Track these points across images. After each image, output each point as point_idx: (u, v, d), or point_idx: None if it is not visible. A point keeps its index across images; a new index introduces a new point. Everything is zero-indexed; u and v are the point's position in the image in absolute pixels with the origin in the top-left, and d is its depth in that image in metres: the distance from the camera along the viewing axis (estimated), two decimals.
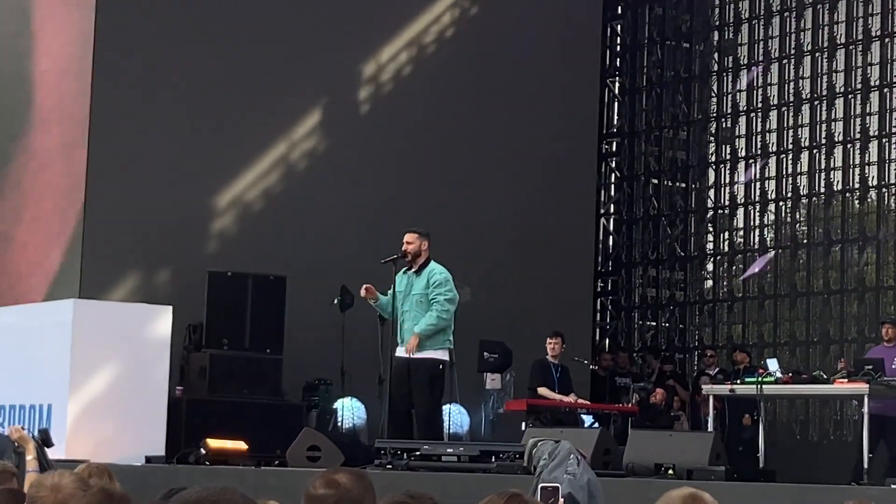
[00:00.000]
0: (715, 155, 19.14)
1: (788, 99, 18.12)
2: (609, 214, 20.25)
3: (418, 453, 10.52)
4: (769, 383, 13.43)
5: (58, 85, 16.57)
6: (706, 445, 10.05)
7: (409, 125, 17.64)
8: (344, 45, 17.35)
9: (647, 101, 20.00)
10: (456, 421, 15.65)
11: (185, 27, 16.38)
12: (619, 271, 20.05)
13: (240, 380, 14.52)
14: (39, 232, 16.55)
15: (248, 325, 14.79)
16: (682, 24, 19.68)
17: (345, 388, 15.02)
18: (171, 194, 16.10)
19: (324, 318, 14.97)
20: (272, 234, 16.57)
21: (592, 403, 15.81)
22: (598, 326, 19.96)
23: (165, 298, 14.49)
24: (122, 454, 11.98)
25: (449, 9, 18.22)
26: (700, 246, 19.27)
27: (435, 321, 11.93)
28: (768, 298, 18.21)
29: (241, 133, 16.67)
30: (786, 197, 18.06)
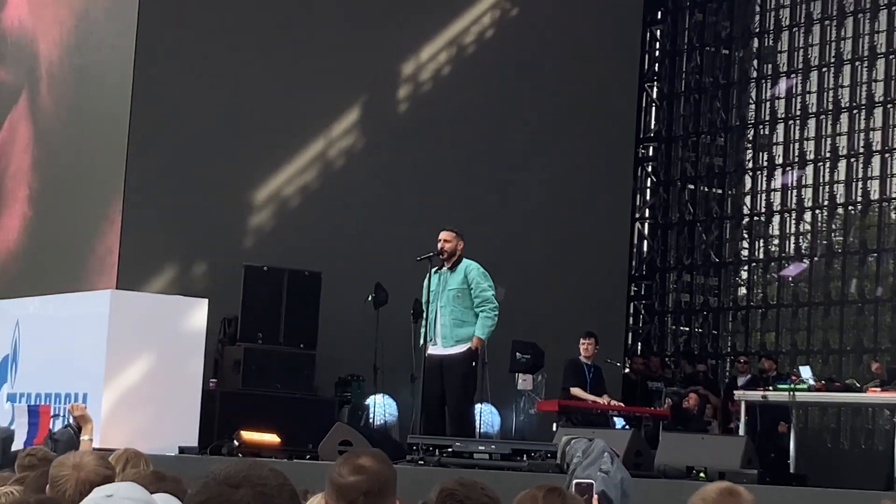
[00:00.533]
0: (752, 161, 19.11)
1: (827, 107, 18.09)
2: (644, 219, 20.25)
3: (450, 450, 10.57)
4: (802, 390, 13.42)
5: (99, 77, 16.67)
6: (738, 449, 10.06)
7: (447, 125, 17.68)
8: (384, 44, 17.40)
9: (685, 107, 19.99)
10: (487, 421, 15.67)
11: (227, 22, 16.46)
12: (653, 276, 20.05)
13: (273, 374, 14.57)
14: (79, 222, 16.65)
15: (282, 320, 14.85)
16: (722, 30, 19.67)
17: (377, 384, 15.08)
18: (209, 188, 16.18)
19: (358, 314, 15.05)
20: (308, 229, 16.63)
21: (624, 406, 15.81)
22: (631, 330, 19.95)
23: (201, 291, 14.56)
24: (155, 444, 12.03)
25: (489, 10, 18.25)
26: (735, 252, 19.25)
27: (492, 322, 12.07)
28: (802, 306, 18.18)
29: (280, 129, 16.74)
30: (822, 205, 18.03)
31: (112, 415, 12.64)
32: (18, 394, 13.81)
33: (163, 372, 12.98)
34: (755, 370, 17.30)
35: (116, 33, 16.38)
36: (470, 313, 12.14)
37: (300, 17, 16.85)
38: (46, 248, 17.16)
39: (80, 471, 5.05)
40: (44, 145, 17.51)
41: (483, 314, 12.07)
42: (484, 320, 12.05)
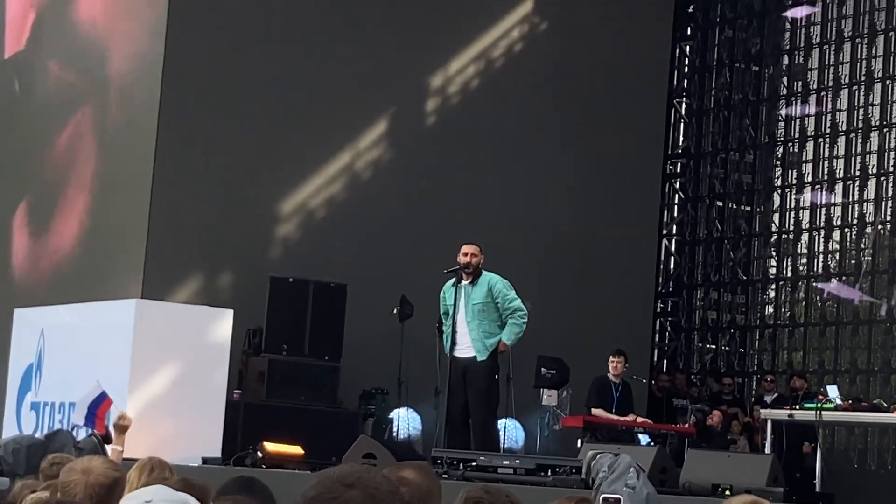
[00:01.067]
0: (780, 179, 19.03)
1: (857, 125, 18.00)
2: (672, 235, 20.17)
3: (474, 464, 10.51)
4: (829, 410, 13.33)
5: (127, 89, 16.68)
6: (764, 467, 9.98)
7: (475, 138, 17.64)
8: (413, 57, 17.39)
9: (714, 123, 19.92)
10: (511, 436, 15.61)
11: (255, 34, 16.46)
12: (679, 293, 19.96)
13: (297, 386, 14.56)
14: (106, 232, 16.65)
15: (307, 332, 14.83)
16: (752, 46, 19.60)
17: (401, 397, 15.03)
18: (236, 199, 16.18)
19: (383, 327, 15.00)
20: (334, 241, 16.61)
21: (650, 422, 15.73)
22: (657, 347, 19.86)
23: (227, 302, 14.55)
24: (179, 454, 12.00)
25: (518, 24, 18.22)
26: (763, 270, 19.16)
27: (520, 329, 12.15)
28: (830, 325, 18.07)
29: (308, 140, 16.74)
30: (851, 224, 17.93)
31: (136, 424, 12.53)
32: (42, 402, 13.81)
33: (187, 382, 12.97)
34: (785, 389, 17.20)
35: (144, 45, 16.39)
36: (497, 326, 12.17)
37: (328, 29, 16.85)
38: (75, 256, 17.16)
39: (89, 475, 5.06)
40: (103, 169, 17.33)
41: (512, 321, 12.13)
42: (512, 326, 12.11)
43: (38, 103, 18.40)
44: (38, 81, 18.52)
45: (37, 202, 18.05)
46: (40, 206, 17.94)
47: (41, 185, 18.02)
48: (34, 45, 18.71)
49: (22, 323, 14.71)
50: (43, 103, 18.26)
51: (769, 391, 17.26)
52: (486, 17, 18.05)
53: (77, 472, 5.09)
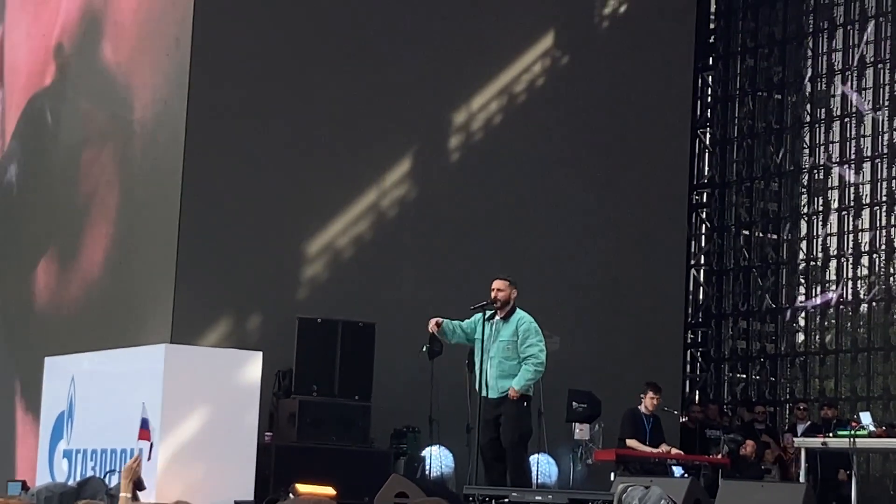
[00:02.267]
0: (807, 206, 18.98)
1: (882, 150, 17.95)
2: (700, 265, 20.12)
3: (507, 500, 10.49)
4: (862, 437, 13.27)
5: (151, 132, 16.76)
6: (798, 496, 9.93)
7: (499, 174, 17.65)
8: (435, 94, 17.42)
9: (738, 152, 19.89)
10: (544, 471, 15.56)
11: (278, 75, 16.52)
12: (709, 323, 19.90)
13: (328, 426, 14.55)
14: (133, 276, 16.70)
15: (337, 372, 14.83)
16: (774, 75, 19.58)
17: (433, 435, 15.00)
18: (262, 240, 16.21)
19: (412, 365, 14.97)
20: (362, 280, 16.62)
21: (683, 454, 15.67)
22: (688, 378, 19.79)
23: (256, 344, 14.55)
24: (211, 499, 12.03)
25: (540, 58, 18.25)
26: (792, 298, 19.09)
27: (532, 375, 12.07)
28: (861, 352, 17.99)
29: (333, 180, 16.77)
30: (879, 249, 17.87)
31: (168, 469, 12.61)
32: (74, 450, 13.82)
33: (218, 426, 12.95)
34: (817, 418, 17.11)
35: (168, 86, 16.48)
36: (517, 366, 12.13)
37: (349, 68, 16.89)
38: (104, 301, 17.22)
39: None
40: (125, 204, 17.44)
41: (525, 366, 12.08)
42: (524, 373, 12.06)
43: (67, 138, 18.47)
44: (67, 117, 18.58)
45: (63, 247, 18.13)
46: (66, 250, 18.02)
47: (67, 229, 18.10)
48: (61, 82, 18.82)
49: (53, 371, 14.73)
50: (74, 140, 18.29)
51: (801, 419, 17.18)
52: (508, 52, 18.08)
53: None
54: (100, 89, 17.93)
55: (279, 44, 16.58)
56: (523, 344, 12.12)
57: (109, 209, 17.40)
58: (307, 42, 16.76)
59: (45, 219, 18.66)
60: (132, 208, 16.94)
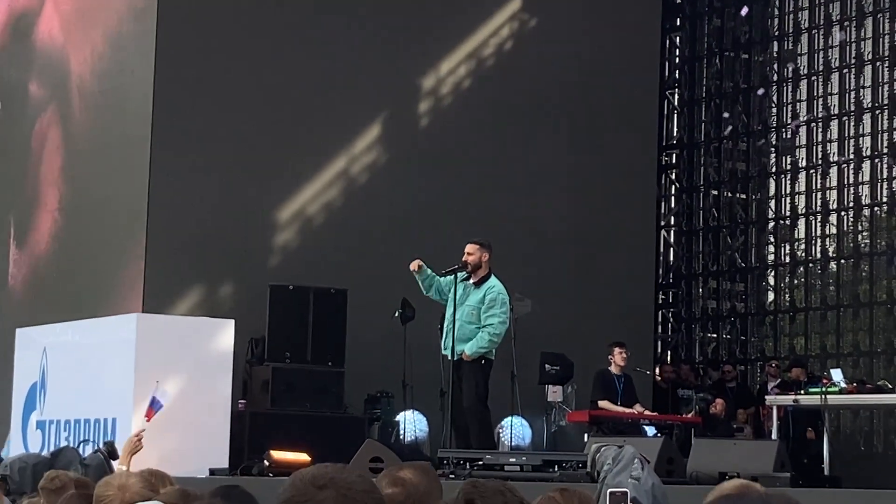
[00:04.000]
0: (775, 165, 19.04)
1: (849, 108, 18.02)
2: (669, 226, 20.18)
3: (481, 463, 10.54)
4: (833, 393, 13.36)
5: (119, 102, 16.71)
6: (770, 453, 10.00)
7: (469, 138, 17.66)
8: (403, 59, 17.41)
9: (707, 113, 19.93)
10: (518, 434, 15.62)
11: (245, 41, 16.48)
12: (679, 283, 19.97)
13: (302, 393, 14.56)
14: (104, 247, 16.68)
15: (309, 339, 14.84)
16: (741, 35, 19.62)
17: (407, 400, 15.05)
18: (232, 209, 16.19)
19: (385, 330, 15.03)
20: (333, 247, 16.62)
21: (655, 414, 15.76)
22: (660, 338, 19.88)
23: (228, 312, 14.55)
24: (186, 467, 12.01)
25: (507, 22, 18.24)
26: (761, 257, 19.17)
27: (486, 345, 12.08)
28: (831, 309, 18.09)
29: (302, 147, 16.76)
30: (847, 207, 17.94)
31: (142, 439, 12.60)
32: (47, 421, 13.82)
33: (191, 394, 12.96)
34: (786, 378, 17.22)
35: (137, 56, 16.42)
36: (476, 332, 12.15)
37: (318, 35, 16.86)
38: (73, 272, 17.19)
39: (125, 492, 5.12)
40: (71, 168, 17.55)
41: (481, 333, 12.09)
42: (479, 340, 12.08)
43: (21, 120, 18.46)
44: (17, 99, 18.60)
45: (27, 219, 18.08)
46: (31, 222, 17.97)
47: (31, 201, 18.06)
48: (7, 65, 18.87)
49: (24, 342, 14.72)
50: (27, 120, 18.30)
51: (773, 376, 17.30)
52: (475, 16, 18.06)
53: (114, 487, 5.16)
54: (61, 61, 17.86)
55: (246, 11, 16.53)
56: (486, 312, 12.14)
57: (79, 180, 17.35)
58: (274, 8, 16.71)
59: (10, 192, 18.60)
60: (101, 179, 16.89)
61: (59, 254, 17.55)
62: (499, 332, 12.09)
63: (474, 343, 12.09)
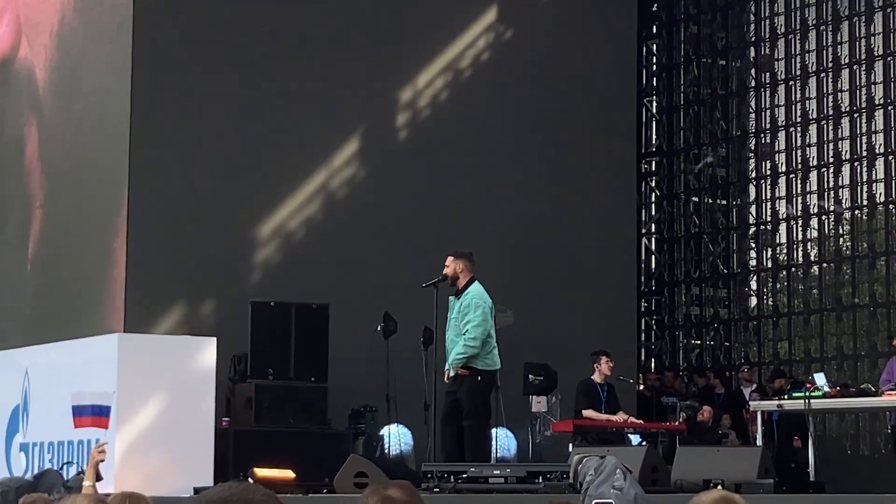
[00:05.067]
0: (755, 171, 19.06)
1: (828, 112, 18.05)
2: (650, 234, 20.20)
3: (465, 476, 10.51)
4: (817, 398, 13.36)
5: (97, 121, 16.68)
6: (754, 460, 9.99)
7: (448, 150, 17.65)
8: (380, 72, 17.39)
9: (685, 120, 19.95)
10: (503, 445, 15.60)
11: (223, 58, 16.46)
12: (662, 290, 19.98)
13: (286, 409, 14.51)
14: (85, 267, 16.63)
15: (292, 355, 14.79)
16: (717, 41, 19.65)
17: (391, 414, 15.02)
18: (213, 226, 16.16)
19: (368, 344, 15.01)
20: (314, 262, 16.60)
21: (639, 422, 15.75)
22: (643, 346, 19.88)
23: (210, 330, 14.52)
24: (170, 486, 11.99)
25: (484, 33, 18.24)
26: (743, 263, 19.19)
27: (463, 351, 12.03)
28: (814, 313, 18.10)
29: (282, 162, 16.73)
30: (828, 211, 17.97)
31: (125, 459, 12.57)
32: (31, 443, 13.76)
33: (174, 413, 12.91)
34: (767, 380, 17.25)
35: (112, 75, 16.38)
36: None
37: (295, 49, 16.85)
38: (54, 293, 17.13)
39: None
40: (50, 188, 17.51)
41: (460, 343, 12.02)
42: (457, 348, 12.03)
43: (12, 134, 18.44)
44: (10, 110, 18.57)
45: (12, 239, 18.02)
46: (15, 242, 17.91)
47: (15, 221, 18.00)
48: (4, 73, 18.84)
49: (6, 364, 14.65)
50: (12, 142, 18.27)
51: (747, 382, 17.36)
52: (451, 28, 18.06)
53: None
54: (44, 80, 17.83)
55: (222, 28, 16.51)
56: (462, 320, 12.11)
57: (58, 200, 17.30)
58: (250, 25, 16.69)
59: None
60: (80, 198, 16.85)
61: (39, 275, 17.49)
62: (475, 335, 12.02)
63: (453, 353, 12.07)
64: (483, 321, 12.05)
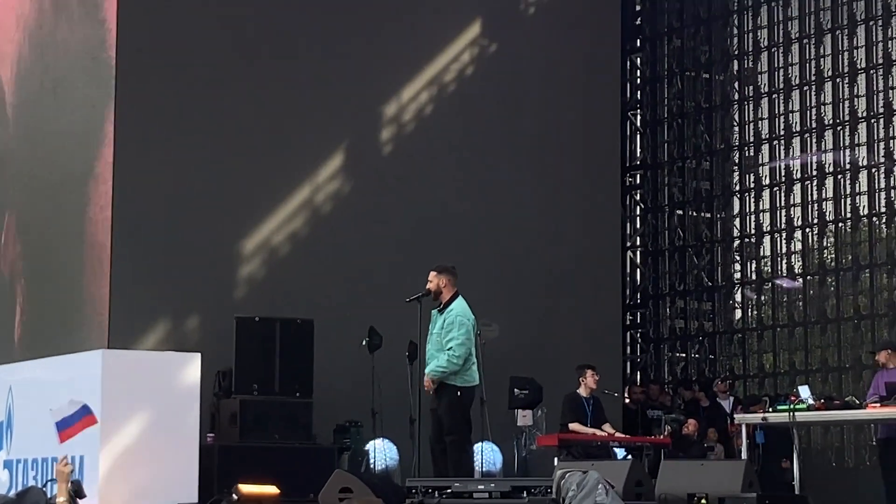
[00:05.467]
0: (739, 184, 19.10)
1: (811, 125, 18.09)
2: (635, 247, 20.22)
3: (450, 491, 10.51)
4: (802, 410, 13.38)
5: (81, 136, 16.66)
6: (738, 473, 10.01)
7: (432, 164, 17.67)
8: (365, 87, 17.40)
9: (669, 133, 19.99)
10: (489, 459, 15.60)
11: (205, 73, 16.45)
12: (647, 303, 19.99)
13: (271, 424, 14.49)
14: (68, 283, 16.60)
15: (277, 370, 14.77)
16: (701, 54, 19.69)
17: (376, 429, 15.01)
18: (197, 241, 16.14)
19: (353, 359, 15.01)
20: (299, 277, 16.60)
21: (625, 436, 15.76)
22: (629, 359, 19.89)
23: (195, 345, 14.50)
24: (154, 503, 11.97)
25: (468, 47, 18.27)
26: (727, 275, 19.21)
27: (445, 365, 12.02)
28: (798, 326, 18.13)
29: (266, 177, 16.72)
30: (812, 223, 18.01)
31: (110, 476, 12.52)
32: (15, 460, 13.72)
33: (159, 429, 12.87)
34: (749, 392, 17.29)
35: (97, 91, 16.36)
36: None
37: (280, 64, 16.86)
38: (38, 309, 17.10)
39: None
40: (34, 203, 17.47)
41: (443, 355, 12.01)
42: (439, 360, 12.02)
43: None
44: None
45: None
46: None
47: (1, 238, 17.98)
48: None
49: None
50: None
51: (723, 394, 17.41)
52: (436, 42, 18.09)
53: None
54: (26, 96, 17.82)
55: (206, 42, 16.52)
56: (445, 337, 12.11)
57: (42, 217, 17.28)
58: (234, 39, 16.71)
59: None
60: (66, 216, 16.83)
61: (24, 291, 17.46)
62: (458, 353, 12.02)
63: (434, 363, 12.06)
64: (466, 339, 12.05)
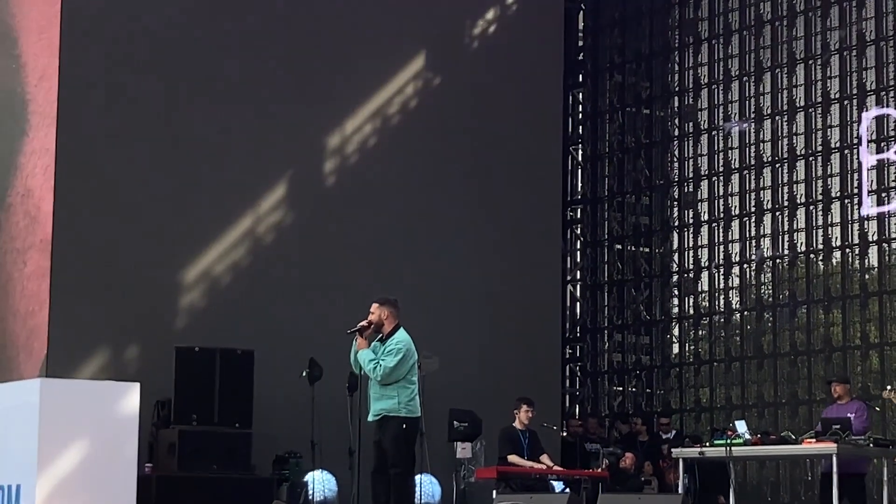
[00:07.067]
0: (678, 219, 19.26)
1: (750, 162, 18.28)
2: (576, 281, 20.33)
3: None
4: (738, 445, 13.50)
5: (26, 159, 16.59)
6: None
7: (376, 196, 17.72)
8: (308, 118, 17.44)
9: (610, 168, 20.14)
10: (427, 491, 15.63)
11: (147, 101, 16.44)
12: (585, 337, 20.10)
13: (209, 455, 14.48)
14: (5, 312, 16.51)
15: (216, 400, 14.77)
16: (642, 90, 19.87)
17: (315, 460, 15.00)
18: (138, 270, 16.09)
19: (293, 390, 14.99)
20: (240, 307, 16.58)
21: (563, 469, 15.82)
22: (567, 392, 19.98)
23: (134, 375, 14.47)
24: None
25: (412, 80, 18.36)
26: (666, 310, 19.35)
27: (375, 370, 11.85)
28: (735, 361, 18.28)
29: (208, 207, 16.71)
30: (750, 259, 18.18)
31: None
32: None
33: (97, 459, 12.79)
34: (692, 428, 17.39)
35: (37, 116, 16.32)
36: (390, 388, 12.01)
37: (222, 94, 16.87)
38: None
39: None
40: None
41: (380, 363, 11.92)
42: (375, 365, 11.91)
43: None
44: None
45: None
46: None
47: None
48: None
49: None
50: None
51: (665, 426, 17.53)
52: (380, 74, 18.16)
53: None
54: None
55: (148, 69, 16.50)
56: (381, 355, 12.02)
57: None
58: (178, 67, 16.70)
59: None
60: (3, 240, 16.74)
61: None
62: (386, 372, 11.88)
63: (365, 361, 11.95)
64: (399, 363, 11.95)
